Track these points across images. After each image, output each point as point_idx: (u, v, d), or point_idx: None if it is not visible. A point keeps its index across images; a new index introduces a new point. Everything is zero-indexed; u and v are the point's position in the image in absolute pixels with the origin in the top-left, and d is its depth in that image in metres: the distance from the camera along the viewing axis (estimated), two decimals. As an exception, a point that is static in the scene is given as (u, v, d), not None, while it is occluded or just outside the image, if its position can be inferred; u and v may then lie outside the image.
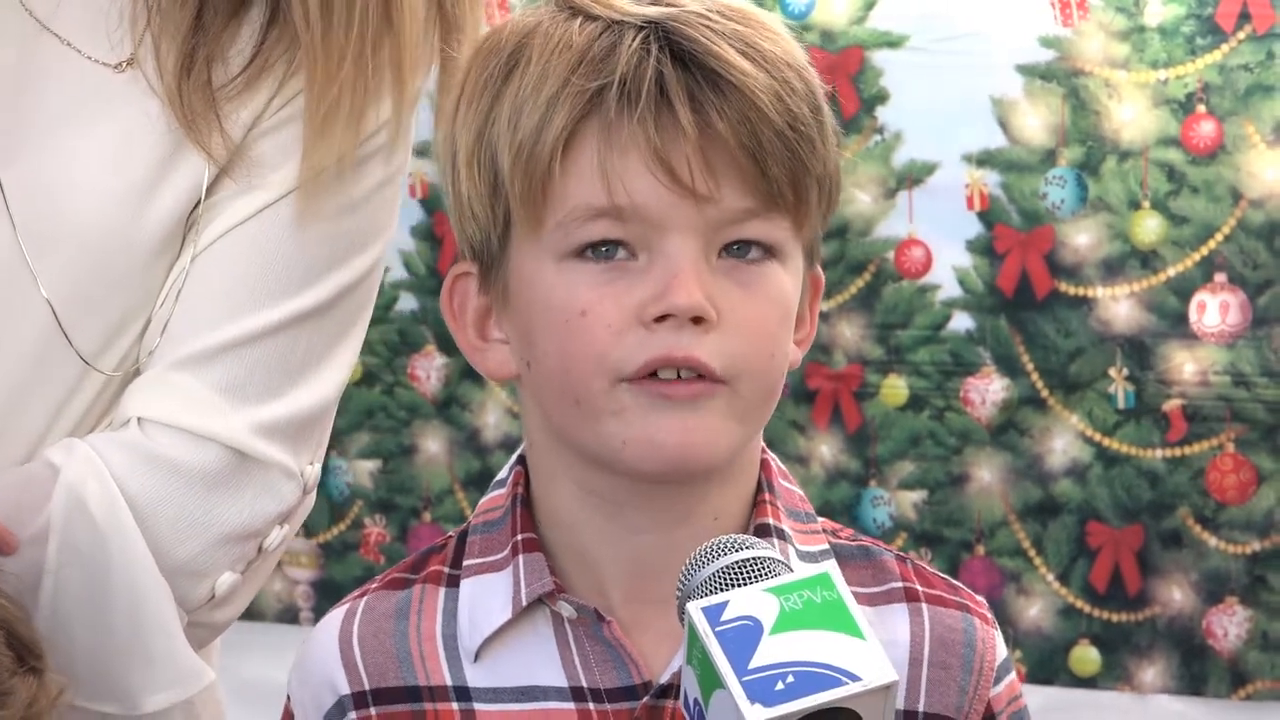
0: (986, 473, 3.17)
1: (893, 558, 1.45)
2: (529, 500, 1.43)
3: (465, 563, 1.43)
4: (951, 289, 3.14)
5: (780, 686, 1.15)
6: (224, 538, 1.55)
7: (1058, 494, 3.14)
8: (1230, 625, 3.08)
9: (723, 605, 1.18)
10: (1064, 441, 3.13)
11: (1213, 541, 3.08)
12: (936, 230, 3.15)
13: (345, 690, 1.42)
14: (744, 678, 1.15)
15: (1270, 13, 2.96)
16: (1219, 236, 3.03)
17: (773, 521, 1.41)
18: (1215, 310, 3.04)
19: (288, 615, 3.49)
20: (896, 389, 3.19)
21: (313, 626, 1.47)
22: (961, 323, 3.15)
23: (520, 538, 1.41)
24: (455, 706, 1.40)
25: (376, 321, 3.47)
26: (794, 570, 1.24)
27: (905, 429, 3.19)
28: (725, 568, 1.22)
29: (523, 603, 1.39)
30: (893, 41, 3.14)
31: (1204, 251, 3.04)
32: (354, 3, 1.54)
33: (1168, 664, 3.11)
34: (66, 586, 1.51)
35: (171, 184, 1.56)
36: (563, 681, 1.39)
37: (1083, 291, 3.09)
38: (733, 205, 1.35)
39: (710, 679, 1.17)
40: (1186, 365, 3.06)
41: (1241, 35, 2.98)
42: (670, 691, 1.37)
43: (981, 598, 1.47)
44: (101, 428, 1.58)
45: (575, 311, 1.35)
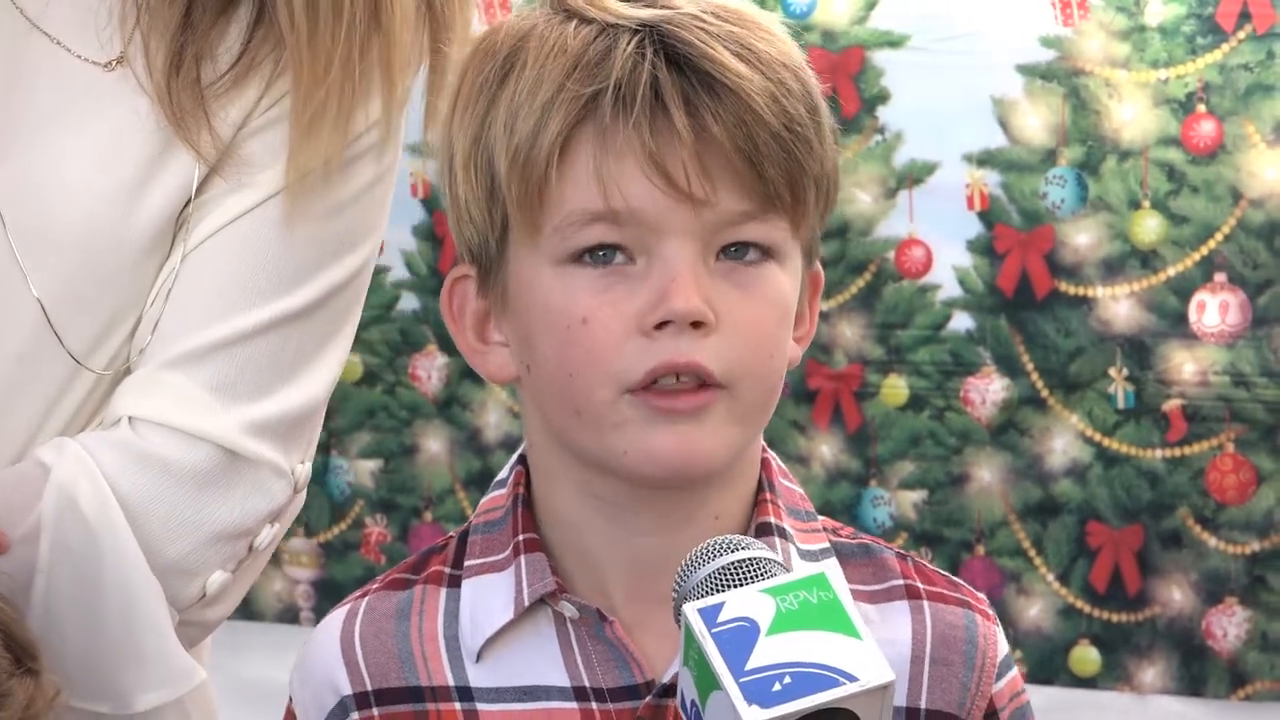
0: (986, 473, 3.17)
1: (894, 556, 1.46)
2: (530, 500, 1.43)
3: (466, 563, 1.43)
4: (952, 289, 3.14)
5: (777, 687, 1.15)
6: (215, 536, 1.55)
7: (1058, 494, 3.14)
8: (1230, 626, 3.08)
9: (719, 606, 1.18)
10: (1064, 441, 3.13)
11: (1212, 542, 3.08)
12: (937, 230, 3.15)
13: (347, 690, 1.42)
14: (741, 679, 1.15)
15: (1270, 12, 2.96)
16: (1219, 236, 3.03)
17: (774, 520, 1.41)
18: (1215, 310, 3.04)
19: (288, 615, 3.49)
20: (897, 389, 3.19)
21: (313, 626, 1.47)
22: (962, 322, 3.15)
23: (522, 538, 1.41)
24: (458, 707, 1.40)
25: (378, 321, 3.49)
26: (791, 570, 1.24)
27: (905, 429, 3.19)
28: (721, 569, 1.22)
29: (525, 603, 1.39)
30: (893, 41, 3.14)
31: (1204, 251, 3.04)
32: (341, 5, 1.54)
33: (1167, 664, 3.11)
34: (58, 586, 1.51)
35: (161, 182, 1.56)
36: (565, 681, 1.39)
37: (1083, 291, 3.09)
38: (729, 208, 1.35)
39: (707, 680, 1.17)
40: (1186, 365, 3.06)
41: (1242, 35, 2.98)
42: (673, 691, 1.36)
43: (982, 595, 1.47)
44: (92, 427, 1.58)
45: (576, 318, 1.35)
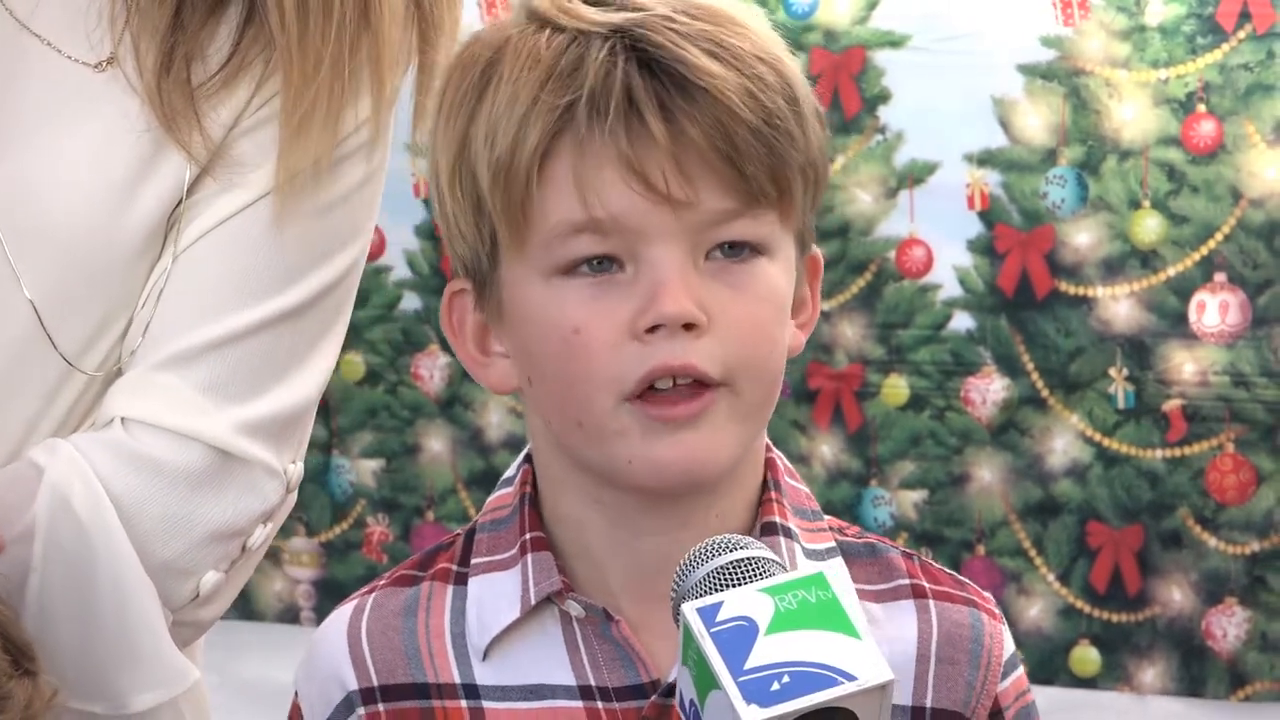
0: (987, 472, 3.17)
1: (899, 555, 1.45)
2: (537, 499, 1.43)
3: (473, 560, 1.43)
4: (952, 289, 3.14)
5: (776, 687, 1.15)
6: (208, 537, 1.55)
7: (1058, 494, 3.14)
8: (1229, 626, 3.08)
9: (717, 606, 1.18)
10: (1064, 441, 3.13)
11: (1212, 542, 3.08)
12: (937, 230, 3.15)
13: (353, 686, 1.42)
14: (739, 678, 1.15)
15: (1270, 12, 2.96)
16: (1219, 236, 3.03)
17: (779, 520, 1.41)
18: (1215, 310, 3.04)
19: (289, 615, 3.49)
20: (897, 389, 3.19)
21: (314, 627, 1.48)
22: (962, 322, 3.15)
23: (528, 536, 1.41)
24: (464, 704, 1.40)
25: (380, 321, 3.49)
26: (792, 569, 1.24)
27: (906, 429, 3.20)
28: (720, 568, 1.22)
29: (531, 601, 1.39)
30: (894, 41, 3.14)
31: (1204, 251, 3.04)
32: (330, 5, 1.54)
33: (1167, 665, 3.11)
34: (52, 587, 1.51)
35: (153, 183, 1.56)
36: (571, 680, 1.39)
37: (1083, 291, 3.09)
38: (713, 207, 1.34)
39: (706, 680, 1.17)
40: (1186, 365, 3.06)
41: (1242, 35, 2.98)
42: (678, 690, 1.37)
43: (989, 594, 1.47)
44: (84, 428, 1.58)
45: (568, 330, 1.34)
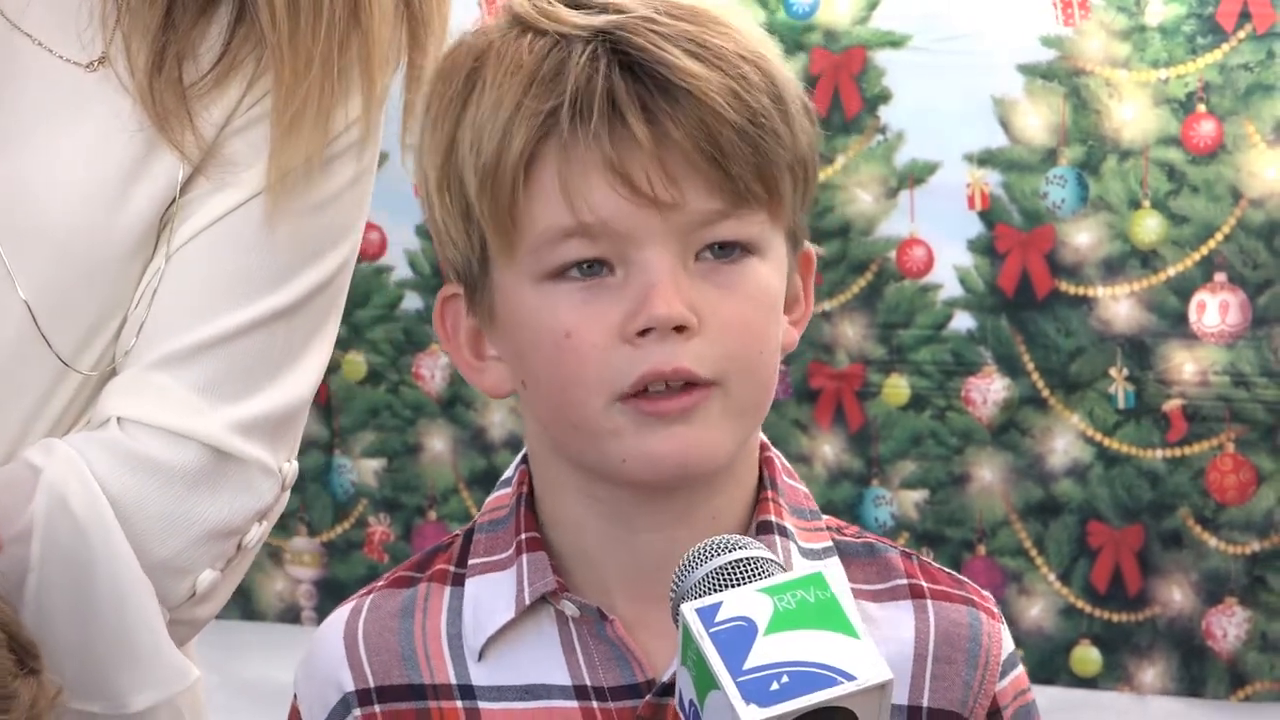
0: (988, 472, 3.17)
1: (898, 554, 1.45)
2: (533, 500, 1.44)
3: (470, 561, 1.44)
4: (953, 288, 3.14)
5: (775, 687, 1.15)
6: (205, 535, 1.55)
7: (1058, 494, 3.14)
8: (1230, 626, 3.08)
9: (716, 606, 1.18)
10: (1065, 441, 3.13)
11: (1213, 542, 3.08)
12: (938, 230, 3.15)
13: (350, 688, 1.43)
14: (739, 678, 1.15)
15: (1270, 12, 2.96)
16: (1219, 236, 3.03)
17: (774, 519, 1.41)
18: (1215, 310, 3.04)
19: (290, 615, 3.50)
20: (898, 388, 3.19)
21: (315, 626, 1.48)
22: (963, 322, 3.15)
23: (524, 537, 1.42)
24: (460, 705, 1.40)
25: (381, 320, 3.49)
26: (790, 569, 1.24)
27: (907, 428, 3.20)
28: (719, 568, 1.22)
29: (526, 601, 1.39)
30: (895, 41, 3.14)
31: (1204, 251, 3.04)
32: (321, 4, 1.54)
33: (1168, 665, 3.11)
34: (51, 586, 1.51)
35: (146, 183, 1.56)
36: (566, 680, 1.39)
37: (1083, 291, 3.09)
38: (700, 209, 1.34)
39: (705, 680, 1.17)
40: (1186, 365, 3.06)
41: (1242, 34, 2.98)
42: (673, 690, 1.36)
43: (988, 593, 1.47)
44: (79, 427, 1.58)
45: (560, 334, 1.35)
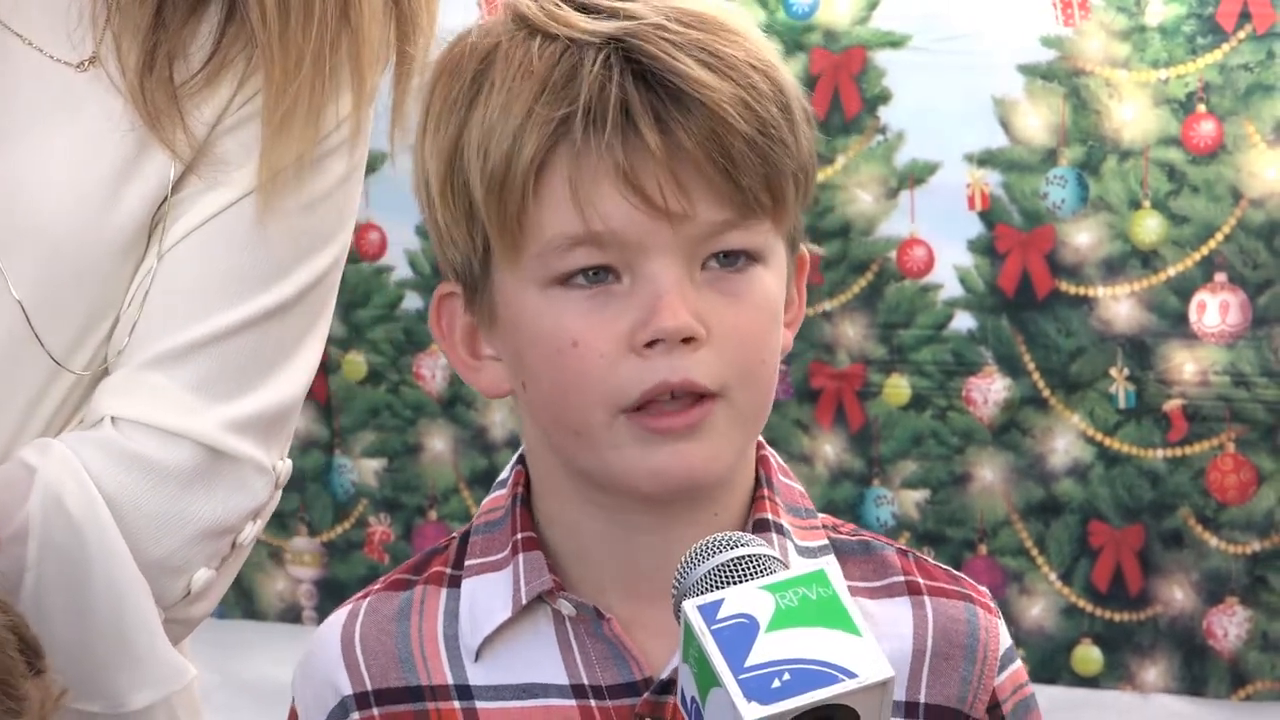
0: (989, 472, 3.17)
1: (894, 552, 1.45)
2: (529, 500, 1.44)
3: (467, 563, 1.43)
4: (953, 289, 3.15)
5: (776, 684, 1.15)
6: (200, 534, 1.55)
7: (1059, 493, 3.14)
8: (1230, 625, 3.08)
9: (718, 603, 1.18)
10: (1065, 441, 3.13)
11: (1213, 541, 3.08)
12: (938, 230, 3.16)
13: (348, 691, 1.43)
14: (740, 675, 1.15)
15: (1270, 12, 2.97)
16: (1219, 236, 3.03)
17: (771, 517, 1.41)
18: (1215, 310, 3.04)
19: (290, 614, 3.50)
20: (899, 388, 3.20)
21: (316, 626, 1.48)
22: (963, 322, 3.15)
23: (520, 537, 1.41)
24: (457, 705, 1.40)
25: (382, 320, 3.50)
26: (790, 567, 1.24)
27: (908, 428, 3.20)
28: (720, 566, 1.22)
29: (523, 601, 1.39)
30: (895, 42, 3.14)
31: (1204, 251, 3.04)
32: (311, 3, 1.54)
33: (1169, 664, 3.12)
34: (48, 586, 1.51)
35: (138, 182, 1.56)
36: (564, 679, 1.39)
37: (1083, 291, 3.10)
38: (709, 219, 1.34)
39: (707, 677, 1.17)
40: (1187, 365, 3.06)
41: (1242, 35, 2.99)
42: (672, 687, 1.36)
43: (984, 588, 1.47)
44: (71, 427, 1.58)
45: (566, 342, 1.34)
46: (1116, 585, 3.13)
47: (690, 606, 1.18)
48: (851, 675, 1.16)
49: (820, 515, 1.46)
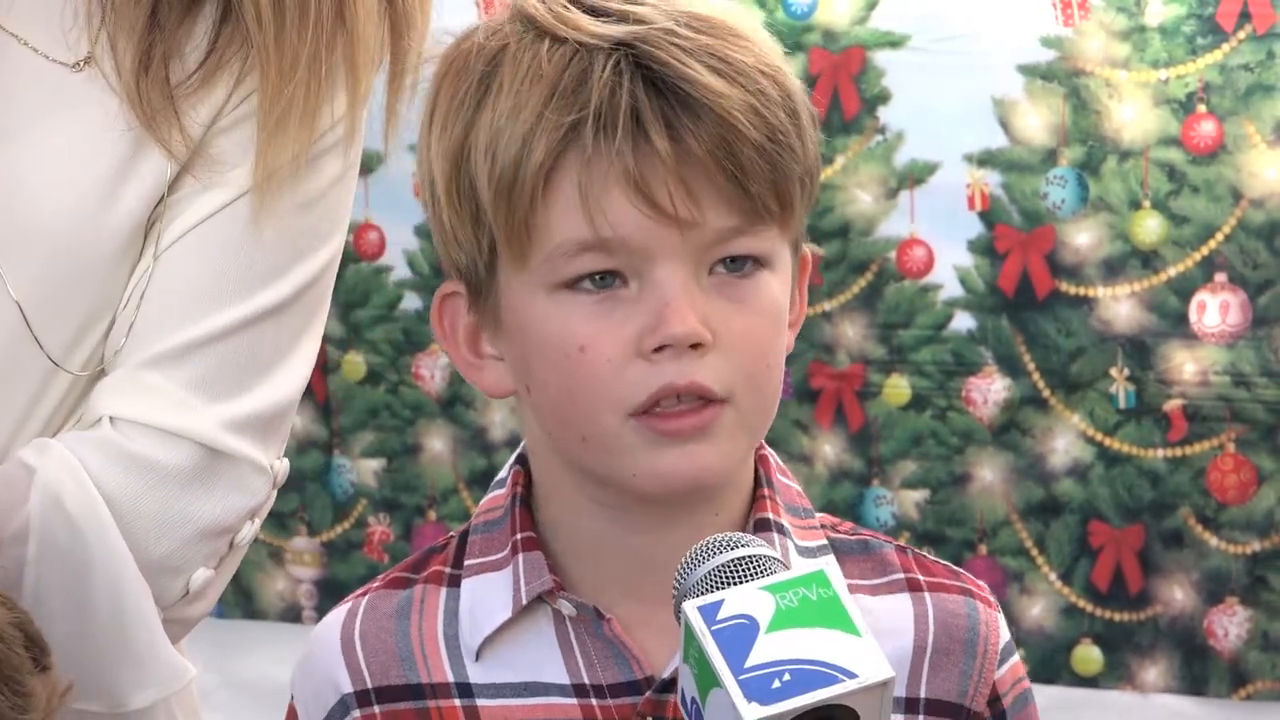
0: (988, 472, 3.17)
1: (893, 550, 1.46)
2: (529, 500, 1.44)
3: (466, 562, 1.44)
4: (953, 289, 3.15)
5: (777, 685, 1.15)
6: (199, 534, 1.56)
7: (1059, 493, 3.14)
8: (1231, 625, 3.08)
9: (718, 604, 1.18)
10: (1065, 441, 3.13)
11: (1214, 541, 3.08)
12: (938, 230, 3.15)
13: (348, 689, 1.43)
14: (740, 676, 1.15)
15: (1270, 12, 2.97)
16: (1219, 236, 3.03)
17: (772, 516, 1.42)
18: (1215, 310, 3.04)
19: (290, 614, 3.50)
20: (899, 388, 3.20)
21: (316, 625, 1.48)
22: (963, 322, 3.15)
23: (520, 537, 1.42)
24: (458, 703, 1.40)
25: (381, 320, 3.50)
26: (790, 567, 1.24)
27: (907, 428, 3.20)
28: (721, 566, 1.22)
29: (523, 601, 1.39)
30: (894, 42, 3.14)
31: (1204, 251, 3.04)
32: (306, 3, 1.54)
33: (1169, 664, 3.12)
34: (48, 586, 1.51)
35: (134, 182, 1.56)
36: (565, 679, 1.39)
37: (1083, 291, 3.10)
38: (718, 225, 1.34)
39: (707, 678, 1.17)
40: (1187, 365, 3.06)
41: (1242, 35, 2.99)
42: (673, 687, 1.36)
43: (983, 582, 1.47)
44: (69, 427, 1.58)
45: (573, 346, 1.34)
46: (1116, 585, 3.13)
47: (690, 607, 1.19)
48: (851, 675, 1.16)
49: (818, 515, 1.47)
